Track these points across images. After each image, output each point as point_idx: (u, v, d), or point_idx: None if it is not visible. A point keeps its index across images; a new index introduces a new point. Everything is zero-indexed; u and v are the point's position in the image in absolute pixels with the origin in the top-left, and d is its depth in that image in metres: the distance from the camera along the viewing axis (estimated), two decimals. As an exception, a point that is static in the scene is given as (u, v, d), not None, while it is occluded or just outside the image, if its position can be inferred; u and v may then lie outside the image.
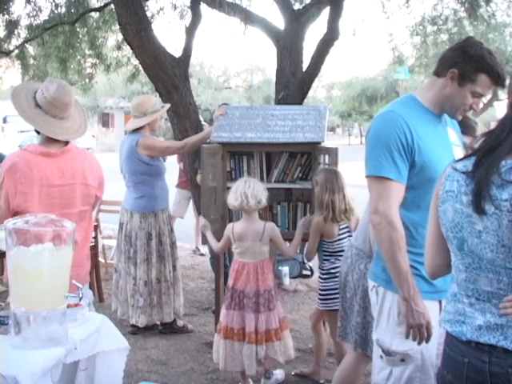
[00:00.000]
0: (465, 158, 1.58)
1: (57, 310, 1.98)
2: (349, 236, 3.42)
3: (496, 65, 2.03)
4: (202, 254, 7.15)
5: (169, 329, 4.41)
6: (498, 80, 2.06)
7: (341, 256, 3.26)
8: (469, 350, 1.52)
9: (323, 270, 3.45)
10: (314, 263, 5.70)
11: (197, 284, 5.90)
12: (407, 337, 2.03)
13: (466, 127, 2.86)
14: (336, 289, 3.19)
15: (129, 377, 3.47)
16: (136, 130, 4.24)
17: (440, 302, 2.14)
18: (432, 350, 2.11)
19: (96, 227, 5.32)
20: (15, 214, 2.55)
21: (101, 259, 5.66)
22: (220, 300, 4.10)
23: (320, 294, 3.47)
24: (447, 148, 2.19)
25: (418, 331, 2.00)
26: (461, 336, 1.54)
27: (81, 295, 2.17)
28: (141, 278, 4.20)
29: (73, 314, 2.15)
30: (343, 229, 3.42)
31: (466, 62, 2.04)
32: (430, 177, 2.05)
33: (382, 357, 2.17)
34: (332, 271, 3.37)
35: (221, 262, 4.12)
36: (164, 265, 4.27)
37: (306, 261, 6.04)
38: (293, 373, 3.73)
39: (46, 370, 1.89)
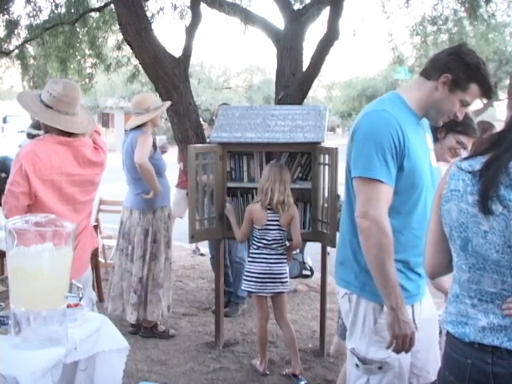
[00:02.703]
0: (470, 157, 1.57)
1: (57, 310, 1.98)
2: (279, 229, 3.62)
3: (488, 76, 2.01)
4: (202, 254, 7.15)
5: (149, 333, 4.35)
6: (487, 92, 2.03)
7: (266, 244, 3.61)
8: (471, 351, 1.51)
9: (249, 253, 3.76)
10: (315, 263, 5.71)
11: (197, 284, 5.90)
12: (389, 347, 1.96)
13: (466, 127, 2.85)
14: (256, 273, 3.60)
15: (129, 377, 3.47)
16: (138, 127, 4.21)
17: (412, 307, 2.09)
18: (408, 357, 2.08)
19: (96, 227, 5.32)
20: (32, 205, 2.63)
21: (101, 259, 5.65)
22: (220, 300, 4.10)
23: (244, 276, 3.73)
24: (427, 153, 2.14)
25: (402, 342, 1.93)
26: (464, 337, 1.53)
27: (81, 295, 2.16)
28: (136, 274, 4.20)
29: (73, 314, 2.15)
30: (273, 220, 3.60)
31: (461, 69, 1.98)
32: (414, 182, 2.01)
33: (357, 365, 2.09)
34: (255, 256, 3.65)
35: (221, 262, 4.12)
36: (155, 263, 4.25)
37: (306, 261, 6.05)
38: (284, 373, 3.73)
39: (46, 369, 1.89)
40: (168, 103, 4.52)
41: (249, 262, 3.70)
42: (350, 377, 2.17)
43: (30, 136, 6.00)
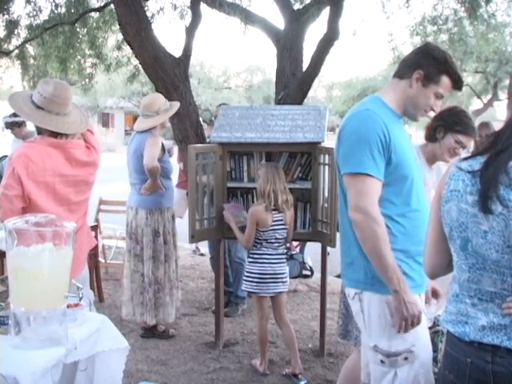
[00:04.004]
0: (470, 157, 1.58)
1: (57, 310, 1.98)
2: (283, 228, 3.63)
3: (456, 68, 2.16)
4: (201, 254, 7.16)
5: (149, 333, 4.35)
6: (457, 82, 2.17)
7: (268, 244, 3.59)
8: (471, 350, 1.52)
9: (249, 254, 3.70)
10: (315, 263, 5.71)
11: (197, 284, 5.90)
12: (399, 330, 2.04)
13: (465, 127, 2.85)
14: (257, 273, 3.59)
15: (129, 377, 3.47)
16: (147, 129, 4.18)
17: (419, 296, 2.17)
18: (429, 344, 2.15)
19: (96, 227, 5.32)
20: (26, 207, 2.62)
21: (101, 259, 5.66)
22: (220, 300, 4.10)
23: (244, 276, 3.71)
24: (412, 149, 2.25)
25: (411, 322, 2.02)
26: (464, 336, 1.54)
27: (81, 295, 2.17)
28: (147, 275, 4.19)
29: (73, 314, 2.15)
30: (278, 220, 3.60)
31: (431, 64, 2.12)
32: (404, 174, 2.11)
33: (382, 361, 2.13)
34: (256, 256, 3.62)
35: (221, 262, 4.12)
36: (169, 265, 4.26)
37: (306, 260, 6.05)
38: (284, 373, 3.74)
39: (46, 370, 1.89)
40: (177, 105, 4.43)
41: (249, 262, 3.68)
42: (376, 375, 2.18)
43: (8, 125, 5.96)
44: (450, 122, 2.84)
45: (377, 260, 2.02)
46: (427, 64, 2.12)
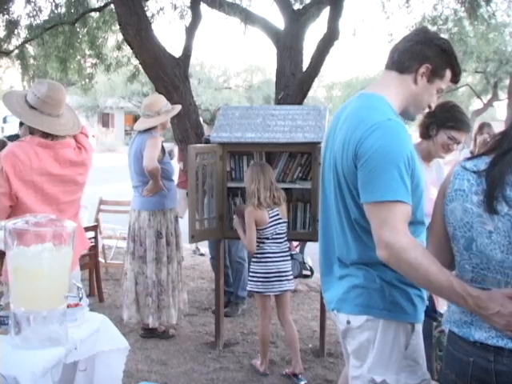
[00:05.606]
0: (475, 157, 1.57)
1: (57, 310, 1.98)
2: (282, 222, 3.65)
3: (458, 59, 1.92)
4: (201, 254, 7.16)
5: (149, 333, 4.34)
6: (458, 75, 1.92)
7: (270, 240, 3.60)
8: (474, 350, 1.51)
9: (253, 253, 3.70)
10: (315, 263, 5.71)
11: (197, 284, 5.90)
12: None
13: (457, 123, 2.84)
14: (262, 272, 3.59)
15: (129, 377, 3.47)
16: (147, 130, 4.17)
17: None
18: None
19: (96, 227, 5.32)
20: (14, 206, 2.62)
21: (101, 259, 5.65)
22: (220, 300, 4.10)
23: (249, 276, 3.72)
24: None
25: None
26: (468, 337, 1.53)
27: (81, 295, 2.16)
28: (150, 277, 4.18)
29: (73, 314, 2.15)
30: (274, 216, 3.62)
31: (439, 57, 1.84)
32: (420, 191, 1.82)
33: None
34: (259, 255, 3.63)
35: (221, 262, 4.12)
36: (172, 266, 4.26)
37: (306, 261, 6.04)
38: (284, 372, 3.74)
39: (46, 369, 1.89)
40: (179, 107, 4.42)
41: (253, 262, 3.67)
42: None
43: None
44: (443, 119, 2.81)
45: (433, 289, 1.65)
46: (435, 57, 1.84)
